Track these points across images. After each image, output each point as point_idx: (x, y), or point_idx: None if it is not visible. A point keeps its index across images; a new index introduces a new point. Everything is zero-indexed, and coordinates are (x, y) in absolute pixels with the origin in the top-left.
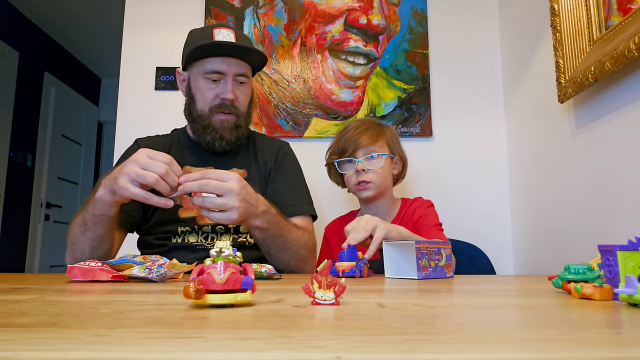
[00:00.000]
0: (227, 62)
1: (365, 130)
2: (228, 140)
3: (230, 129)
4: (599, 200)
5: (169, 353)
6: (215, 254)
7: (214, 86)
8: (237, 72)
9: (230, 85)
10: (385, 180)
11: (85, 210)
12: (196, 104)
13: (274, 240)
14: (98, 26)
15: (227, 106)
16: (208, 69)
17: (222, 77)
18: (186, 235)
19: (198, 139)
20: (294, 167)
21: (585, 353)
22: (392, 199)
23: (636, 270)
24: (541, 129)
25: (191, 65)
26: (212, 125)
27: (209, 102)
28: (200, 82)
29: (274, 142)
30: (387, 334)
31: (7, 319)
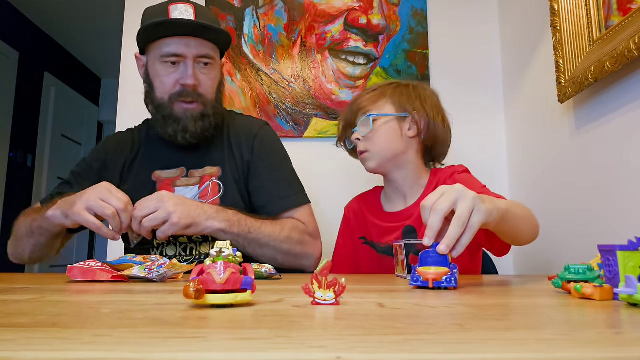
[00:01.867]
0: (185, 43)
1: (371, 92)
2: (192, 133)
3: (194, 119)
4: (599, 200)
5: (169, 353)
6: (215, 254)
7: (173, 70)
8: (198, 53)
9: (191, 69)
10: (385, 146)
11: (34, 219)
12: (155, 91)
13: (244, 239)
14: (98, 26)
15: (189, 93)
16: (165, 51)
17: (182, 60)
18: (164, 248)
19: (160, 131)
20: (275, 155)
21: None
22: (414, 169)
23: (636, 270)
24: (541, 129)
25: (148, 49)
26: (174, 116)
27: (168, 89)
28: (158, 66)
29: (250, 129)
30: (387, 334)
31: (7, 319)
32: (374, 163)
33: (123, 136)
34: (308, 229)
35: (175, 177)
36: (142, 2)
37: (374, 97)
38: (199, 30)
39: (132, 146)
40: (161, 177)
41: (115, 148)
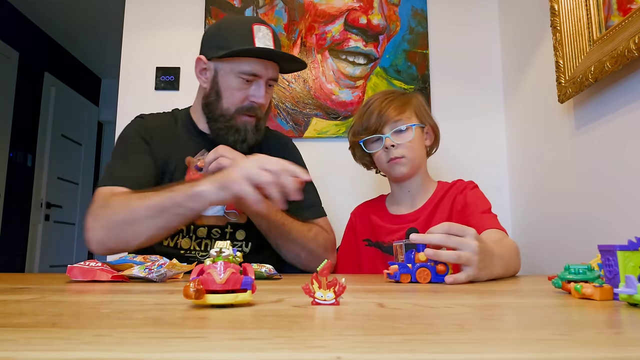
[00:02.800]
0: (264, 65)
1: (390, 101)
2: (249, 144)
3: (252, 132)
4: (598, 201)
5: (169, 353)
6: (215, 254)
7: (246, 87)
8: (271, 76)
9: (263, 90)
10: (418, 153)
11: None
12: (222, 102)
13: (276, 229)
14: (98, 26)
15: (253, 109)
16: (245, 69)
17: (256, 80)
18: (179, 238)
19: (217, 138)
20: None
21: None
22: (426, 178)
23: (636, 270)
24: (541, 129)
25: (223, 60)
26: (236, 127)
27: (237, 102)
28: (232, 80)
29: (280, 141)
30: (387, 334)
31: (7, 319)
32: (407, 168)
33: (158, 117)
34: (330, 237)
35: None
36: (142, 2)
37: (400, 106)
38: (279, 57)
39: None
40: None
41: (155, 124)
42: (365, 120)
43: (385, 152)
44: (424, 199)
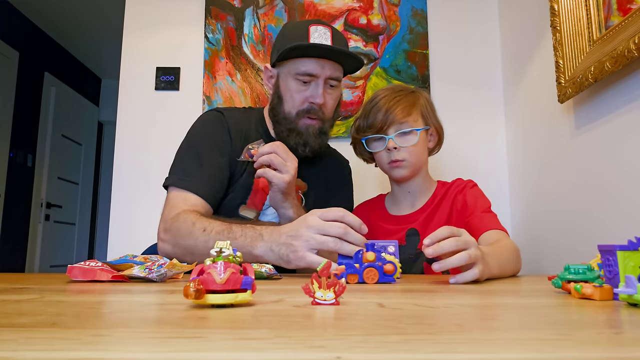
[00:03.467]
0: (320, 64)
1: (397, 101)
2: (312, 147)
3: (314, 135)
4: (599, 201)
5: (169, 353)
6: (215, 254)
7: (304, 88)
8: (329, 75)
9: (321, 89)
10: (420, 157)
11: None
12: (284, 105)
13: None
14: (98, 26)
15: (315, 111)
16: (301, 70)
17: (314, 80)
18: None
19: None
20: (351, 191)
21: (585, 353)
22: (427, 178)
23: (636, 270)
24: (541, 129)
25: (282, 64)
26: (298, 130)
27: (297, 105)
28: (291, 82)
29: (342, 162)
30: (387, 334)
31: (7, 319)
32: (407, 171)
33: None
34: None
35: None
36: (142, 2)
37: (407, 108)
38: (335, 55)
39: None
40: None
41: (235, 122)
42: (371, 117)
43: (387, 153)
44: (424, 199)
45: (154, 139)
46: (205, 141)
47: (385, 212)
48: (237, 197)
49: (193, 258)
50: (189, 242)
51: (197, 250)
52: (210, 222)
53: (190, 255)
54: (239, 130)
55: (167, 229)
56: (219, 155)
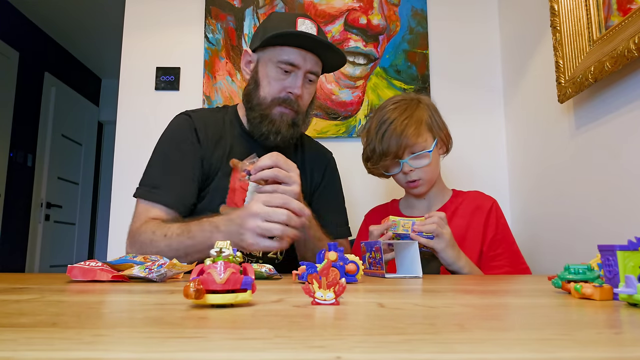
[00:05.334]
0: (303, 56)
1: (407, 125)
2: (283, 136)
3: (287, 125)
4: (599, 200)
5: (169, 353)
6: (215, 254)
7: (283, 77)
8: (310, 68)
9: (300, 81)
10: (434, 172)
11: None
12: (260, 90)
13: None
14: (98, 26)
15: (291, 101)
16: (283, 58)
17: (294, 70)
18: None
19: (252, 128)
20: (339, 185)
21: (585, 353)
22: (441, 186)
23: (636, 270)
24: (541, 129)
25: (264, 50)
26: (271, 117)
27: (274, 92)
28: (271, 69)
29: (324, 153)
30: (387, 334)
31: (7, 319)
32: (424, 188)
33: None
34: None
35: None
36: (142, 2)
37: (416, 129)
38: (320, 47)
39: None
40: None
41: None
42: (385, 144)
43: (403, 175)
44: (438, 204)
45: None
46: (173, 148)
47: (399, 213)
48: (214, 198)
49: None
50: (152, 250)
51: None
52: (170, 227)
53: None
54: (210, 131)
55: (132, 243)
56: (188, 160)
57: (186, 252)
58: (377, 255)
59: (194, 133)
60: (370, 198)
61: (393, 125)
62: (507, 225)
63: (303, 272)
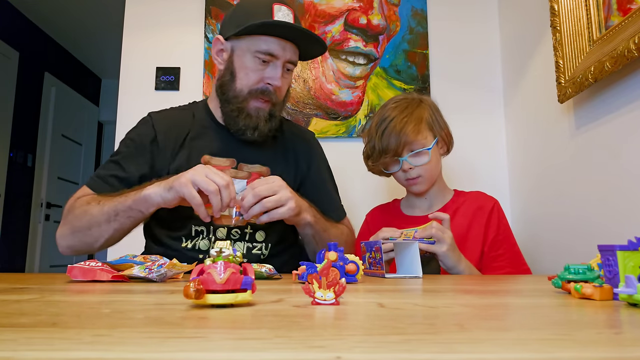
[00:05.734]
0: (282, 46)
1: (406, 122)
2: (261, 132)
3: (265, 119)
4: (599, 200)
5: (169, 353)
6: (215, 254)
7: (261, 68)
8: (289, 58)
9: (280, 71)
10: (434, 170)
11: (119, 202)
12: (236, 82)
13: (321, 236)
14: (98, 26)
15: (269, 93)
16: (262, 48)
17: (273, 60)
18: (198, 240)
19: (227, 121)
20: (327, 166)
21: (585, 353)
22: (442, 186)
23: (636, 270)
24: (541, 129)
25: (239, 38)
26: (247, 111)
27: (251, 84)
28: (248, 59)
29: (304, 137)
30: (387, 334)
31: (7, 319)
32: (424, 186)
33: (171, 113)
34: (353, 239)
35: (225, 166)
36: (142, 2)
37: (415, 127)
38: (302, 37)
39: (184, 125)
40: (210, 162)
41: (166, 125)
42: (385, 141)
43: (403, 173)
44: (439, 204)
45: None
46: (124, 147)
47: (400, 213)
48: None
49: (92, 234)
50: (86, 219)
51: (95, 222)
52: (104, 196)
53: (89, 232)
54: (172, 128)
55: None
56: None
57: (116, 211)
58: (377, 255)
59: (153, 131)
60: (371, 198)
61: (393, 122)
62: (508, 226)
63: (303, 272)
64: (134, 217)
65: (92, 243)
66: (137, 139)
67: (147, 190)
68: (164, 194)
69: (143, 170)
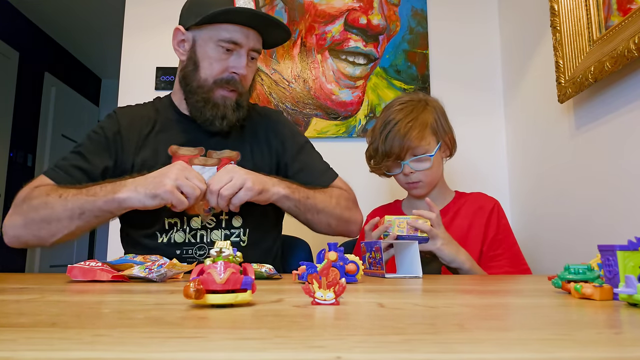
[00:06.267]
0: (245, 34)
1: (411, 127)
2: (229, 121)
3: (232, 108)
4: (599, 200)
5: (169, 353)
6: (215, 254)
7: (225, 57)
8: (253, 46)
9: (244, 60)
10: (435, 175)
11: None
12: (199, 72)
13: (303, 205)
14: (98, 26)
15: (234, 82)
16: (225, 37)
17: (237, 49)
18: (173, 233)
19: (194, 112)
20: (300, 137)
21: (585, 353)
22: (443, 188)
23: (636, 270)
24: (541, 129)
25: (201, 28)
26: (213, 101)
27: (215, 73)
28: (211, 49)
29: (270, 115)
30: (387, 334)
31: (7, 319)
32: (424, 190)
33: (135, 109)
34: (351, 196)
35: (193, 155)
36: (142, 2)
37: (420, 132)
38: (263, 23)
39: (148, 119)
40: (178, 152)
41: (130, 119)
42: (388, 144)
43: (403, 176)
44: (440, 205)
45: None
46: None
47: (402, 214)
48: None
49: (50, 228)
50: (45, 212)
51: (55, 216)
52: (66, 189)
53: (46, 226)
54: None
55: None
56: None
57: (82, 210)
58: (377, 255)
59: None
60: (372, 198)
61: (397, 126)
62: (508, 226)
63: (303, 272)
64: (103, 218)
65: (47, 238)
66: (100, 132)
67: (122, 193)
68: (145, 200)
69: (106, 163)
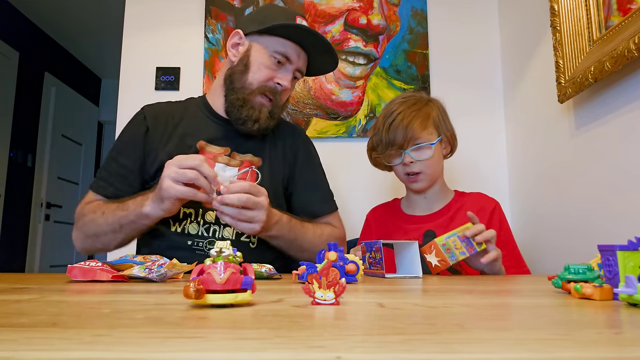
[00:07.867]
0: (298, 53)
1: (414, 117)
2: (261, 126)
3: (266, 116)
4: (599, 200)
5: (169, 353)
6: (215, 254)
7: (274, 67)
8: (300, 67)
9: (290, 75)
10: (436, 168)
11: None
12: (247, 74)
13: (290, 245)
14: (98, 26)
15: (275, 92)
16: (280, 49)
17: (286, 64)
18: (187, 224)
19: (229, 109)
20: (315, 160)
21: (585, 353)
22: (443, 187)
23: (636, 270)
24: (541, 129)
25: (261, 35)
26: (251, 103)
27: (262, 80)
28: (264, 57)
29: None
30: (387, 334)
31: (7, 319)
32: (424, 184)
33: (163, 105)
34: (341, 235)
35: (218, 153)
36: (142, 2)
37: (422, 122)
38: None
39: (174, 115)
40: (205, 148)
41: (156, 114)
42: (392, 134)
43: (403, 167)
44: (440, 205)
45: None
46: (119, 144)
47: (401, 212)
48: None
49: (101, 241)
50: (94, 228)
51: (102, 231)
52: (108, 205)
53: (98, 240)
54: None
55: (76, 226)
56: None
57: (120, 224)
58: (377, 255)
59: (144, 123)
60: (371, 198)
61: (400, 116)
62: (509, 228)
63: (303, 272)
64: (140, 229)
65: (105, 247)
66: (130, 131)
67: (145, 208)
68: (161, 206)
69: (141, 161)
